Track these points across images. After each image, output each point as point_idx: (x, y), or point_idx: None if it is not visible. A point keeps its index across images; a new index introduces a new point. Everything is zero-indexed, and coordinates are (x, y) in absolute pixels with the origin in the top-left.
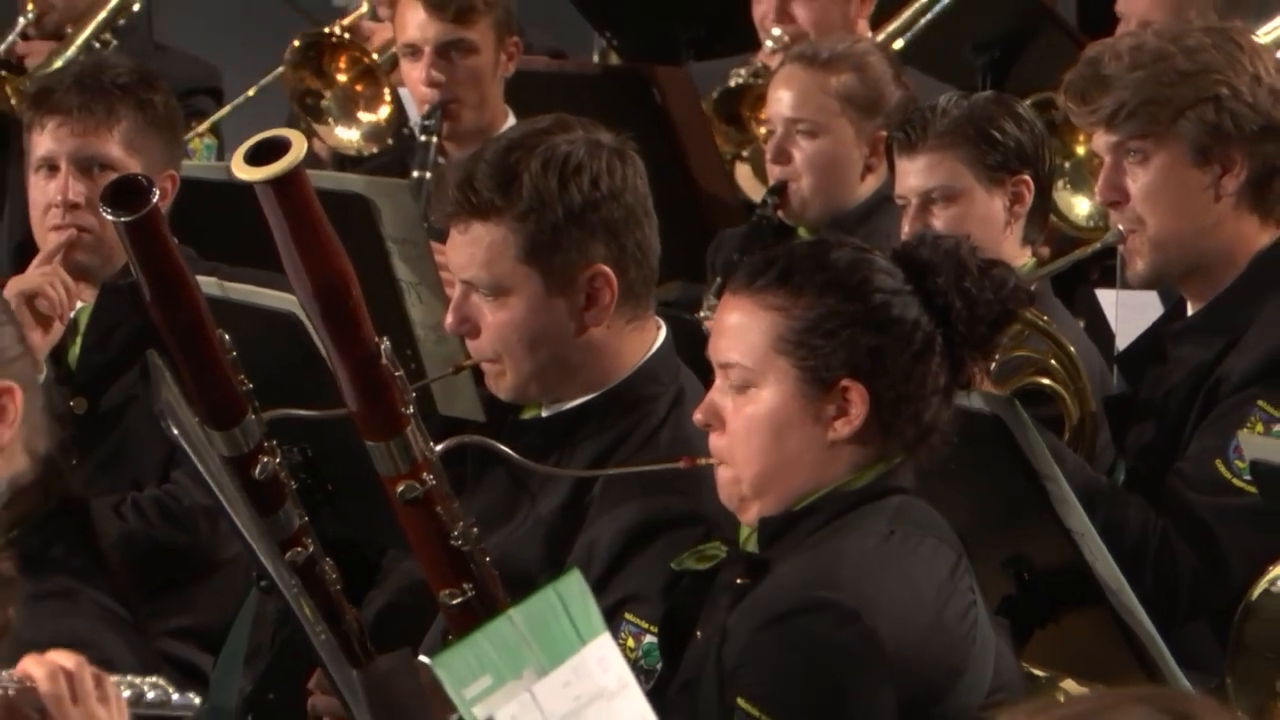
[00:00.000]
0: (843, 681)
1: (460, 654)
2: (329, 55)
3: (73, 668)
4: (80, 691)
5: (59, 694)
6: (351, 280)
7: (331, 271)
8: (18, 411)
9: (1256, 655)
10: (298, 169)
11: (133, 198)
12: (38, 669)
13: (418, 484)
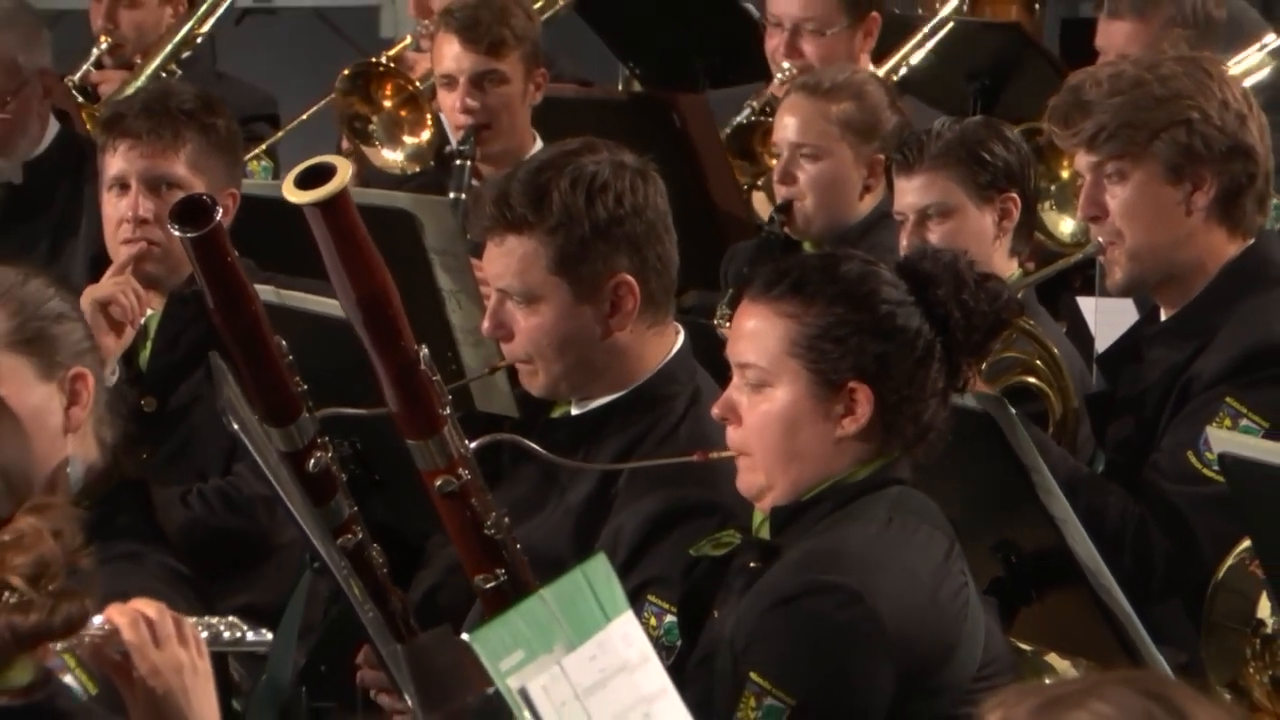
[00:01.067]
0: (845, 657)
1: (496, 630)
2: (376, 83)
3: (154, 614)
4: (162, 635)
5: (142, 639)
6: (392, 293)
7: (374, 285)
8: (90, 396)
9: (1227, 629)
10: (343, 193)
11: (198, 215)
12: (121, 617)
13: (454, 479)
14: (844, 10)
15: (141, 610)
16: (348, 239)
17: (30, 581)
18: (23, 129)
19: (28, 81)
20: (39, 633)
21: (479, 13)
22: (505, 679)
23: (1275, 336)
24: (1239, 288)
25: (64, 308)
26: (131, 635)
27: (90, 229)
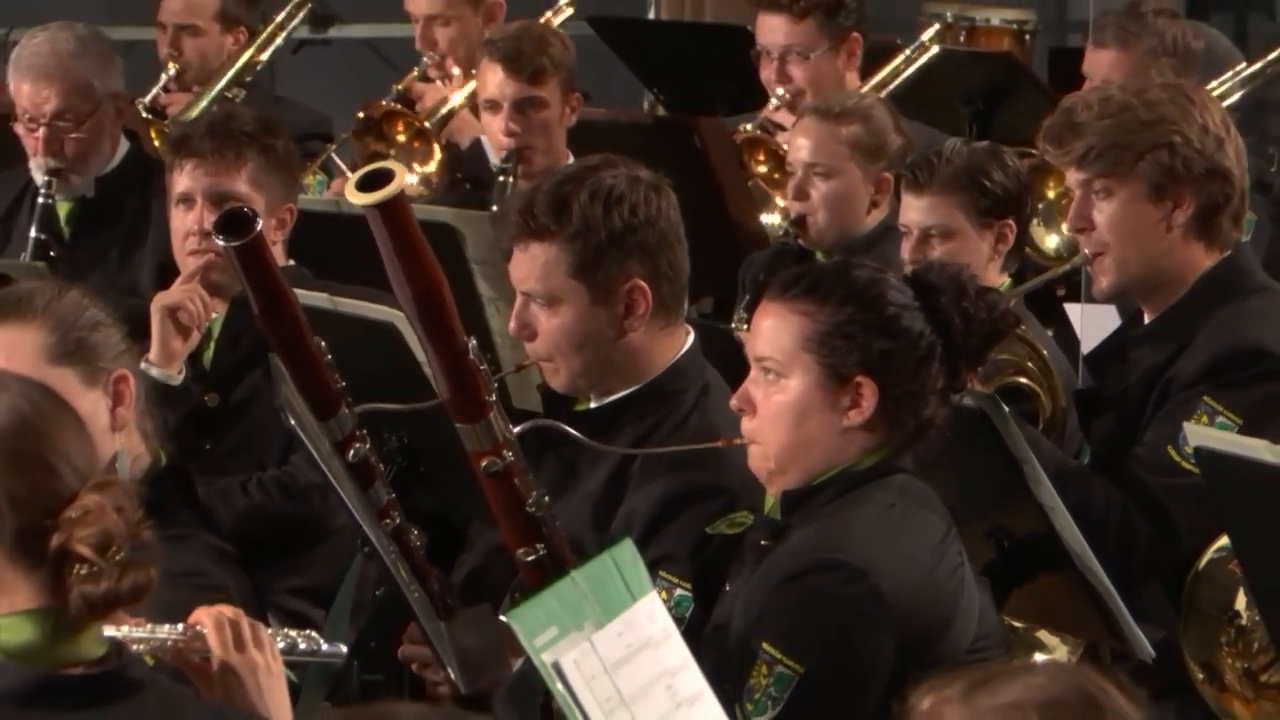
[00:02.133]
0: (850, 629)
1: (531, 609)
2: (387, 121)
3: (234, 617)
4: (240, 639)
5: (223, 640)
6: (444, 287)
7: (428, 280)
8: (132, 394)
9: (1206, 614)
10: (399, 195)
11: (240, 226)
12: (207, 618)
13: (499, 459)
14: (824, 35)
15: (223, 614)
16: (404, 237)
17: (98, 552)
18: (96, 147)
19: (101, 104)
20: (109, 599)
21: (520, 43)
22: (540, 654)
23: (1249, 341)
24: (1215, 296)
25: (100, 316)
26: (214, 636)
27: (157, 240)
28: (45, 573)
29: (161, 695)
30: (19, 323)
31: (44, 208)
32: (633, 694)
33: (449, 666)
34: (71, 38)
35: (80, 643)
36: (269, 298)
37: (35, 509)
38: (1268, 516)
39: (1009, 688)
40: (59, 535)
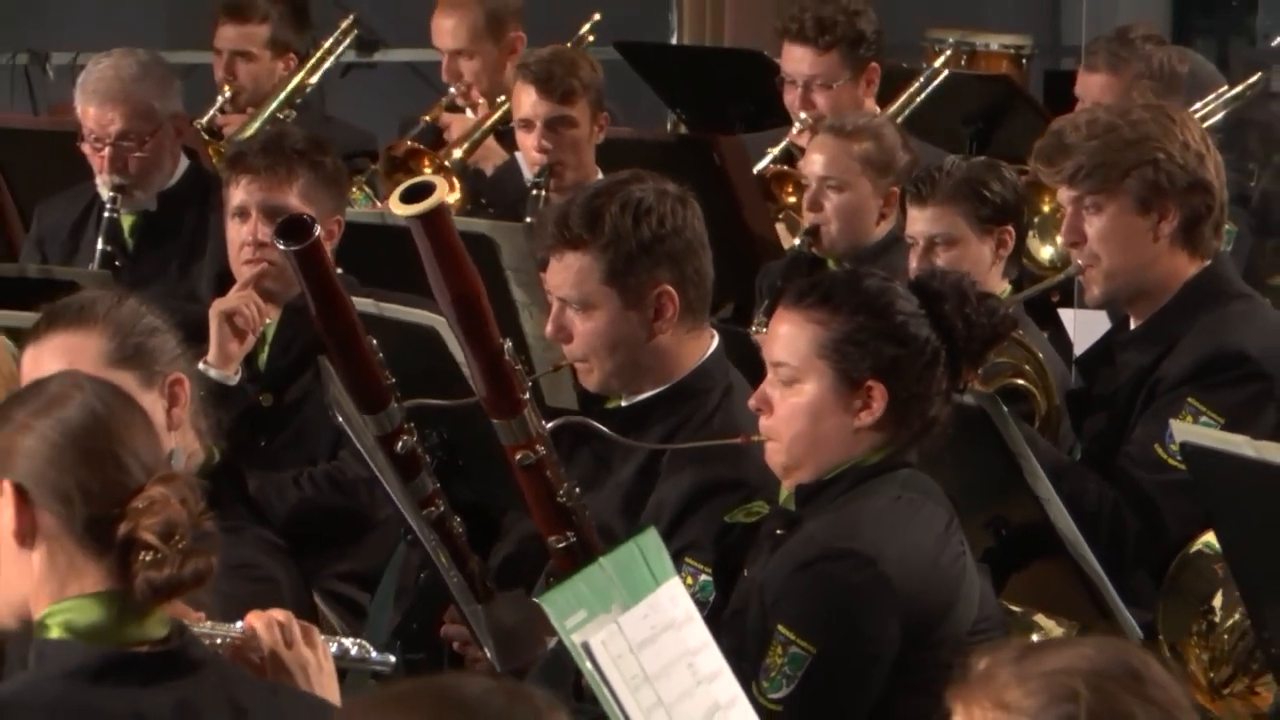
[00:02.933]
0: (859, 612)
1: (562, 593)
2: (413, 158)
3: (284, 619)
4: (291, 638)
5: (275, 639)
6: (481, 292)
7: (466, 285)
8: (187, 396)
9: (1184, 599)
10: (440, 206)
11: (299, 233)
12: (258, 621)
13: (532, 453)
14: (846, 65)
15: (275, 616)
16: (444, 245)
17: (162, 539)
18: (157, 164)
19: (162, 124)
20: (172, 584)
21: (552, 66)
22: (570, 634)
23: (1230, 345)
24: (1198, 302)
25: (156, 322)
26: (267, 636)
27: (215, 251)
28: (113, 559)
29: (220, 673)
30: (81, 329)
31: (109, 221)
32: (656, 672)
33: (486, 646)
34: (134, 63)
35: (145, 624)
36: (325, 298)
37: (104, 499)
38: (1250, 508)
39: (1059, 655)
40: (126, 524)
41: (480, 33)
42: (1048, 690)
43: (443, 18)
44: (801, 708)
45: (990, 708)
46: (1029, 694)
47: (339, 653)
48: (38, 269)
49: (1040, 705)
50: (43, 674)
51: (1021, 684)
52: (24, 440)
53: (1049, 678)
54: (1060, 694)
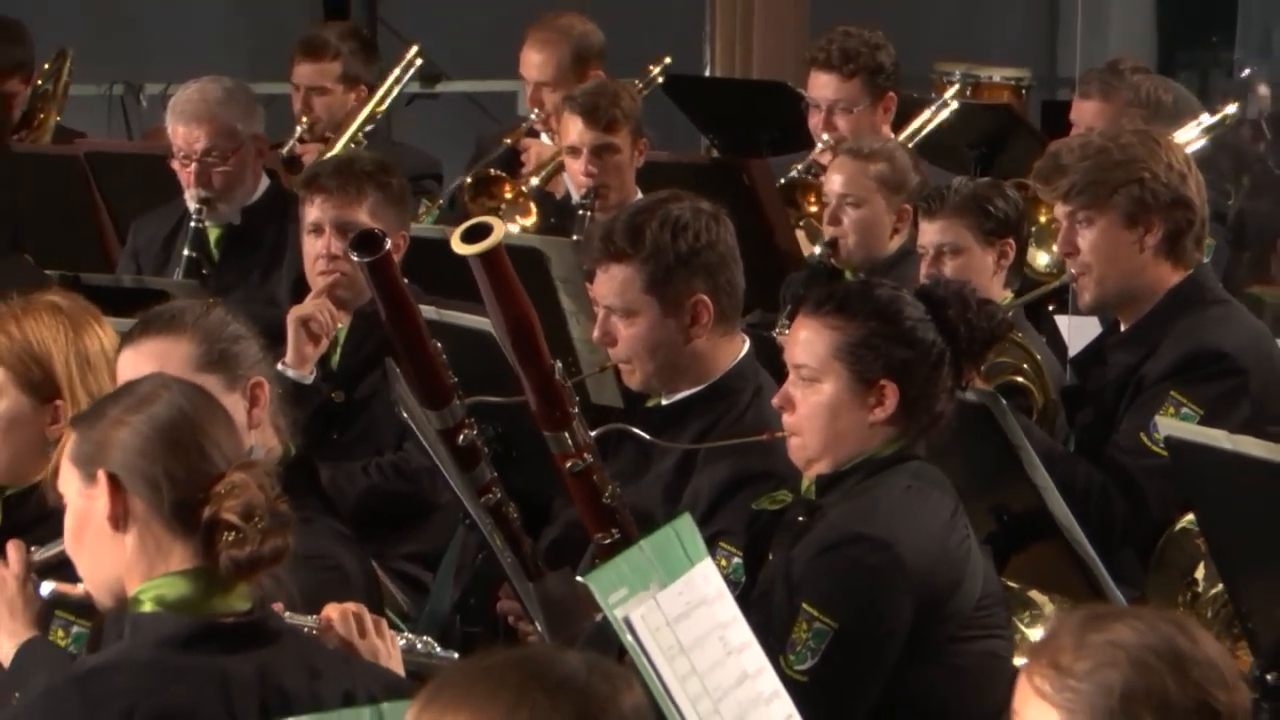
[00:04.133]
0: (876, 591)
1: (606, 572)
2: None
3: (359, 612)
4: (364, 628)
5: (349, 630)
6: (534, 322)
7: (520, 316)
8: (266, 397)
9: (1169, 573)
10: (497, 247)
11: (371, 245)
12: (334, 612)
13: (580, 461)
14: (866, 93)
15: (349, 608)
16: (501, 281)
17: (243, 519)
18: (240, 180)
19: (244, 143)
20: (253, 560)
21: (597, 98)
22: (613, 610)
23: (1209, 344)
24: (1181, 307)
25: (241, 330)
26: (342, 626)
27: (292, 261)
28: (198, 539)
29: (297, 642)
30: (171, 336)
31: (195, 230)
32: (691, 643)
33: (537, 620)
34: (219, 88)
35: (229, 597)
36: (394, 304)
37: (190, 485)
38: (1226, 494)
39: (1115, 628)
40: (210, 507)
41: (566, 69)
42: (1094, 657)
43: (532, 51)
44: (824, 678)
45: (1045, 666)
46: (1079, 659)
47: (406, 647)
48: (132, 279)
49: (1085, 670)
50: (136, 643)
51: (1076, 649)
52: (118, 434)
53: (1099, 647)
54: (1105, 662)
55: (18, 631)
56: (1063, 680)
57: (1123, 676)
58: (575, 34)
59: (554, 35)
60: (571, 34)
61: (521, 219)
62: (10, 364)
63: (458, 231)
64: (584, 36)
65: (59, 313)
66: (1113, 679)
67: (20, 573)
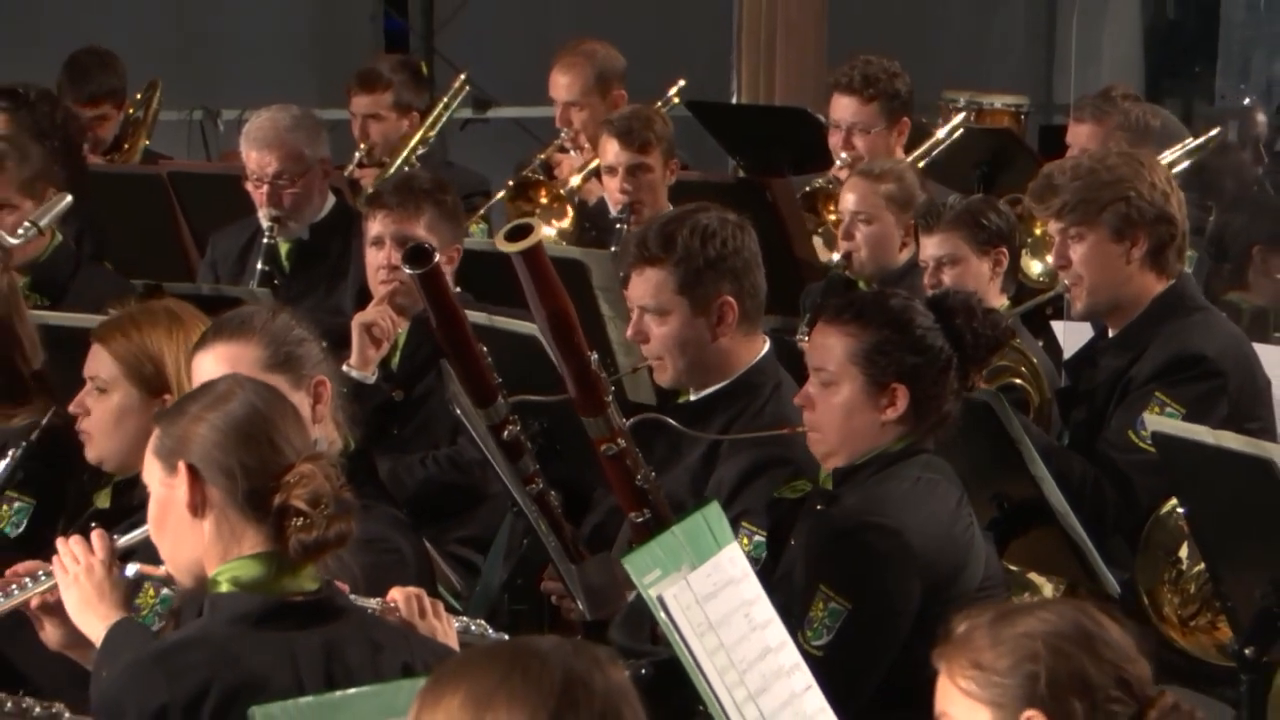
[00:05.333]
0: (887, 574)
1: (641, 555)
2: (533, 188)
3: (418, 593)
4: (425, 610)
5: (411, 611)
6: (572, 313)
7: (559, 308)
8: (329, 395)
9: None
10: (538, 244)
11: (422, 258)
12: (399, 594)
13: (615, 445)
14: (883, 116)
15: (411, 591)
16: (541, 276)
17: (310, 506)
18: (308, 200)
19: (311, 166)
20: (320, 543)
21: (632, 122)
22: (648, 589)
23: (1191, 349)
24: (1165, 314)
25: (304, 333)
26: (405, 607)
27: (356, 273)
28: (269, 525)
29: (361, 618)
30: (241, 340)
31: (268, 246)
32: (719, 620)
33: (578, 598)
34: (288, 116)
35: (299, 578)
36: (443, 312)
37: (261, 475)
38: (1209, 484)
39: (1024, 620)
40: (280, 495)
41: (590, 89)
42: (1015, 653)
43: (559, 74)
44: (839, 653)
45: (968, 667)
46: (999, 656)
47: (461, 628)
48: (209, 287)
49: (1009, 665)
50: (213, 620)
51: (993, 647)
52: (196, 429)
53: (1015, 641)
54: (1025, 655)
55: (107, 614)
56: (987, 678)
57: (1044, 665)
58: (598, 58)
59: (578, 59)
60: (595, 58)
61: (557, 221)
62: (125, 360)
63: (501, 232)
64: (606, 60)
65: (173, 317)
66: (1035, 669)
67: (106, 558)
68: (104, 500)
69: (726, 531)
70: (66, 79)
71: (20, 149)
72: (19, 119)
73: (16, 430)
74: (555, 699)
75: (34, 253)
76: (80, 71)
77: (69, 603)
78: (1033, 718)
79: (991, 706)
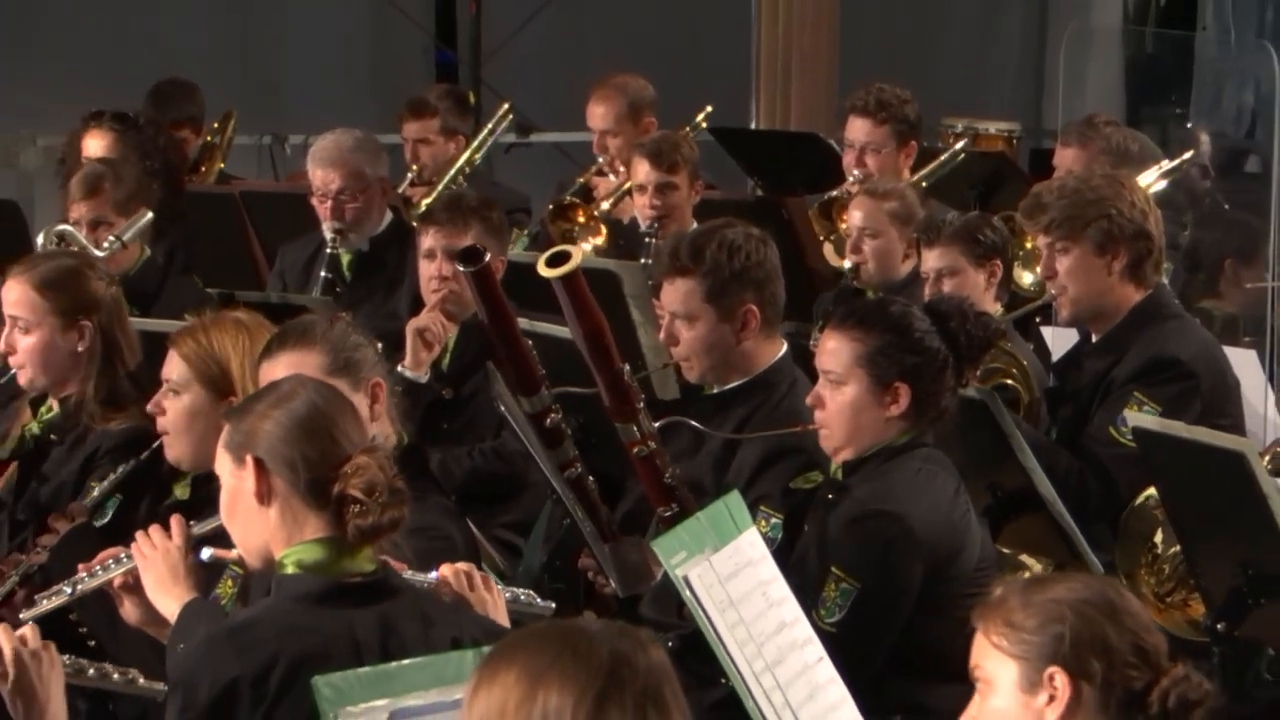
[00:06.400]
0: (892, 557)
1: (668, 538)
2: (571, 209)
3: (467, 569)
4: (474, 584)
5: (461, 585)
6: (606, 331)
7: (595, 325)
8: (384, 395)
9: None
10: (576, 270)
11: (474, 259)
12: (448, 570)
13: (645, 447)
14: (893, 138)
15: (461, 568)
16: (579, 298)
17: (366, 494)
18: (368, 215)
19: (371, 185)
20: (376, 529)
21: (660, 145)
22: (674, 569)
23: (1167, 353)
24: (1143, 321)
25: (361, 339)
26: (454, 581)
27: (410, 282)
28: (330, 512)
29: (414, 595)
30: (305, 347)
31: (331, 257)
32: (739, 597)
33: (611, 577)
34: (350, 138)
35: (356, 560)
36: (493, 306)
37: (322, 466)
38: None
39: (1055, 588)
40: (339, 484)
41: (623, 117)
42: (1043, 614)
43: (595, 104)
44: (849, 629)
45: (1001, 625)
46: (1029, 616)
47: (510, 599)
48: (278, 295)
49: (1037, 625)
50: (280, 599)
51: (1025, 608)
52: (263, 425)
53: (1045, 604)
54: (1052, 617)
55: (181, 594)
56: (1017, 635)
57: (1069, 627)
58: (630, 89)
59: (613, 91)
60: (627, 90)
61: (593, 239)
62: (195, 364)
63: (543, 258)
64: (638, 91)
65: (240, 325)
66: (1061, 630)
67: (181, 544)
68: (183, 491)
69: (746, 518)
70: (151, 105)
71: (117, 172)
72: (126, 140)
73: (115, 433)
74: (603, 679)
75: (125, 265)
76: (164, 99)
77: (147, 583)
78: (1055, 673)
79: (1019, 661)
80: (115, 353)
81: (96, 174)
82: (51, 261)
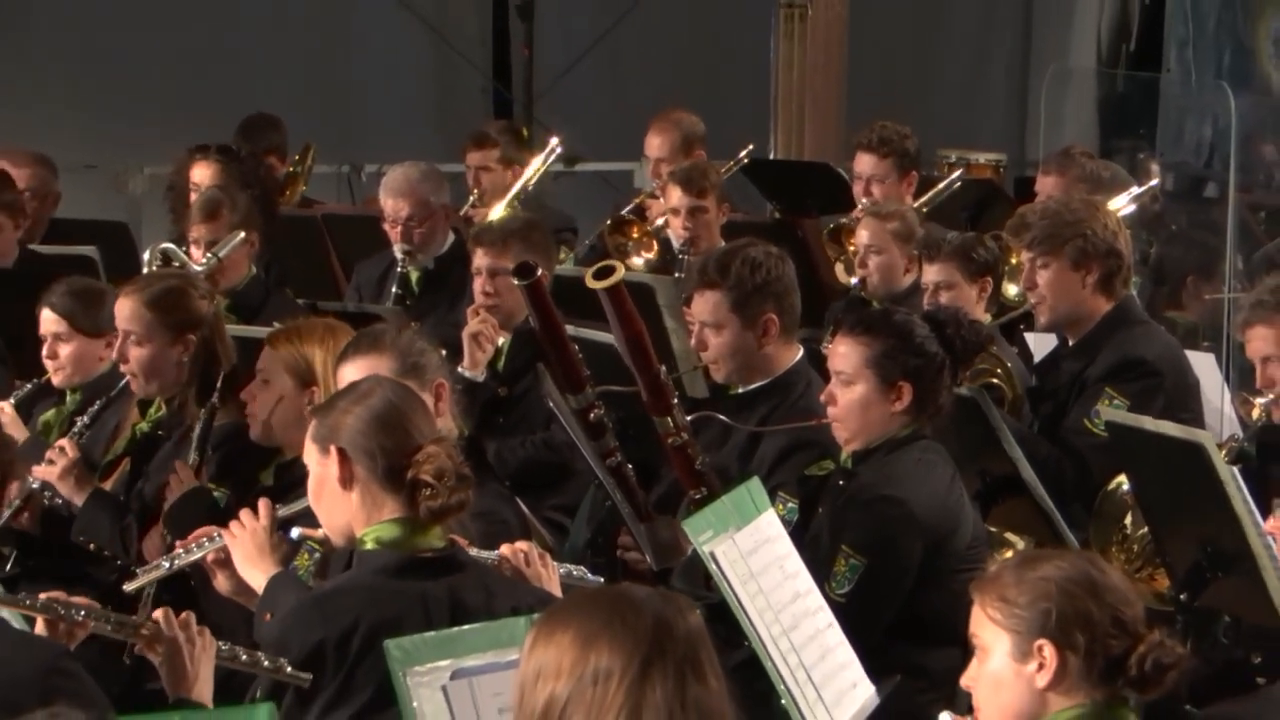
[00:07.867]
0: (896, 537)
1: (697, 519)
2: (627, 225)
3: (525, 548)
4: (531, 560)
5: (518, 562)
6: (646, 337)
7: (635, 331)
8: (447, 394)
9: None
10: (619, 283)
11: (528, 273)
12: (507, 549)
13: (679, 438)
14: (895, 170)
15: (519, 547)
16: (622, 307)
17: (436, 479)
18: (433, 238)
19: (435, 211)
20: (445, 509)
21: (691, 172)
22: (702, 546)
23: (1134, 354)
24: (1113, 327)
25: (426, 345)
26: (512, 559)
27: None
28: (404, 495)
29: (480, 570)
30: (376, 353)
31: (401, 274)
32: (759, 570)
33: (646, 552)
34: (417, 170)
35: (428, 538)
36: (543, 313)
37: (397, 455)
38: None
39: (1044, 566)
40: (412, 471)
41: (677, 148)
42: (1033, 591)
43: (654, 135)
44: (857, 600)
45: (995, 599)
46: (1021, 593)
47: (564, 574)
48: (355, 306)
49: (1027, 601)
50: (360, 572)
51: (1017, 585)
52: (345, 420)
53: (1035, 582)
54: (1041, 594)
55: (267, 568)
56: (1010, 609)
57: (1055, 604)
58: (685, 124)
59: (669, 125)
60: (682, 124)
61: (646, 253)
62: (285, 358)
63: (589, 271)
64: (691, 125)
65: (328, 328)
66: (1048, 606)
67: (268, 524)
68: (268, 477)
69: (765, 500)
70: (241, 137)
71: (232, 198)
72: (229, 170)
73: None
74: (648, 645)
75: (234, 281)
76: (252, 130)
77: (236, 558)
78: (1043, 645)
79: (1011, 633)
80: (213, 361)
81: (215, 200)
82: (160, 282)
